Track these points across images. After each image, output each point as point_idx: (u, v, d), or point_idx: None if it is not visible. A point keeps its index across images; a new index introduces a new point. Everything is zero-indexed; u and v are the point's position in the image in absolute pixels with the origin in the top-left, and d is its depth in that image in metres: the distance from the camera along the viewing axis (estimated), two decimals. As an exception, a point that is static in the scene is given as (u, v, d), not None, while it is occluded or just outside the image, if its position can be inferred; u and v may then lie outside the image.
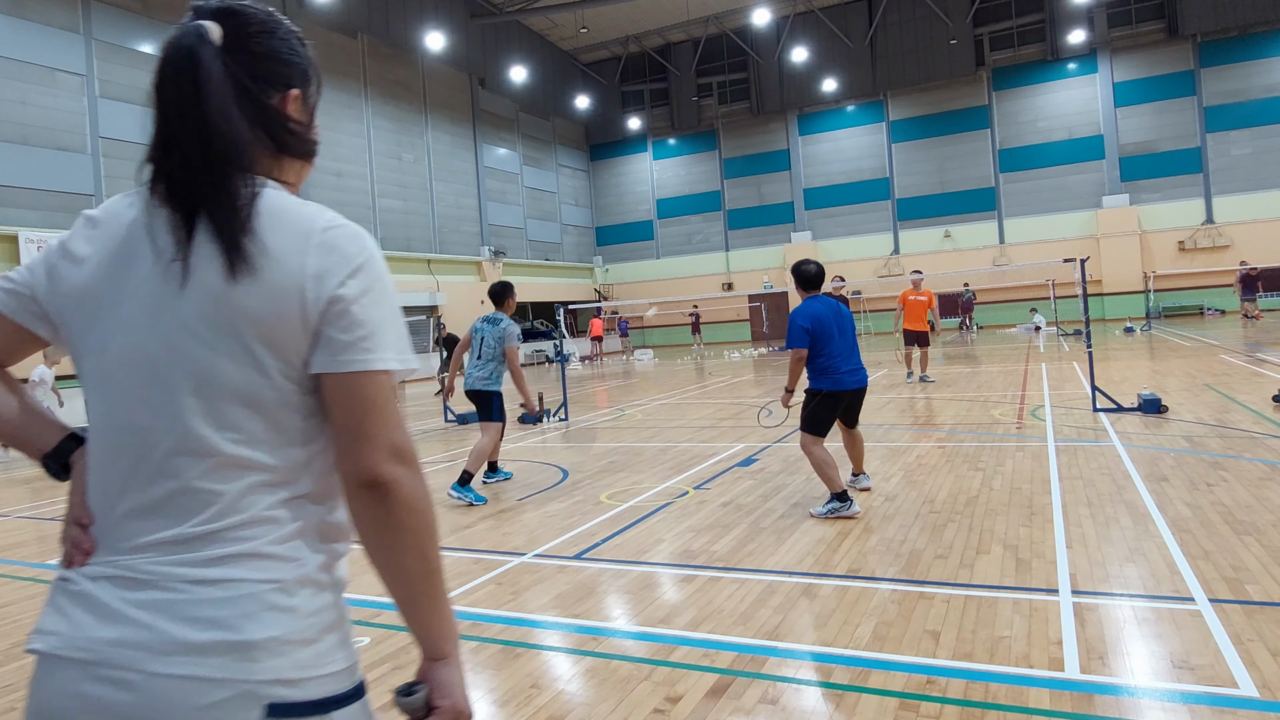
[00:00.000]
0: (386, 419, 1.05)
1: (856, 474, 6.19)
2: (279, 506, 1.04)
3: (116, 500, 1.03)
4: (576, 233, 37.96)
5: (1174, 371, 12.59)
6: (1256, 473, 5.81)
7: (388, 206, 26.30)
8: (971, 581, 4.02)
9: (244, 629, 0.97)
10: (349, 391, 1.04)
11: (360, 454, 1.03)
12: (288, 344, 1.03)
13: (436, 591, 1.09)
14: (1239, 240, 28.06)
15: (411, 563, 1.06)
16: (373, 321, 1.06)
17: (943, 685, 2.94)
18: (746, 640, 3.45)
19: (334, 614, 1.07)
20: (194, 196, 1.04)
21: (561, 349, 14.57)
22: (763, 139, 35.72)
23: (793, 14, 33.78)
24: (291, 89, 1.17)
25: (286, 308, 1.02)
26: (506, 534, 5.58)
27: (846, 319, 5.77)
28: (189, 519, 1.00)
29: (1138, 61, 29.71)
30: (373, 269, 1.08)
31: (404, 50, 27.60)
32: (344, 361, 1.04)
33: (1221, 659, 2.99)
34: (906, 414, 10.22)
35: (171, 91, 1.05)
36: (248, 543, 1.01)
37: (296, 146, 1.18)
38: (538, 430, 11.03)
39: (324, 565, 1.07)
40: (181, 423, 1.02)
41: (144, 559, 1.00)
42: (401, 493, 1.03)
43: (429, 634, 1.10)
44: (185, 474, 1.01)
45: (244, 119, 1.08)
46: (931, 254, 32.27)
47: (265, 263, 1.02)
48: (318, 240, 1.06)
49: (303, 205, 1.09)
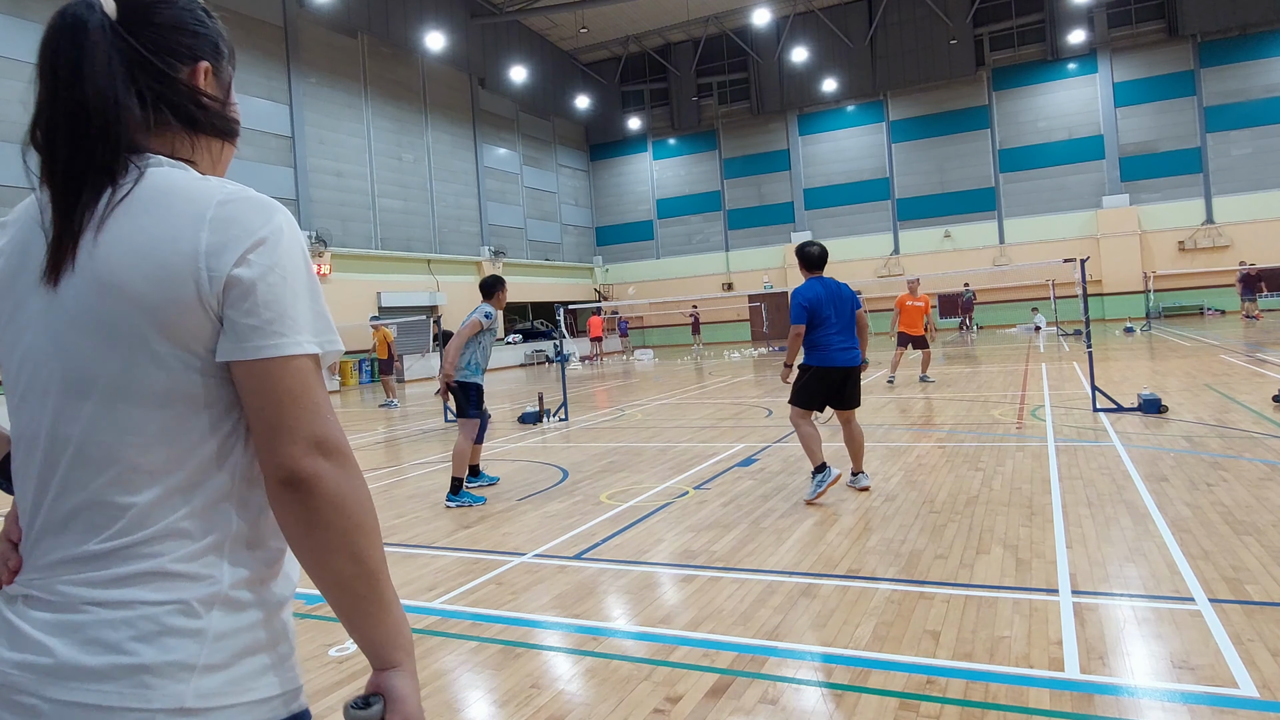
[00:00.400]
0: (305, 408, 0.95)
1: (855, 473, 6.24)
2: (192, 517, 0.95)
3: (34, 515, 0.97)
4: (576, 233, 37.97)
5: (1174, 371, 12.59)
6: (1256, 473, 5.81)
7: (388, 206, 26.30)
8: (971, 581, 4.02)
9: (138, 653, 0.90)
10: (261, 380, 0.94)
11: (277, 448, 0.94)
12: (188, 332, 0.94)
13: (378, 596, 0.99)
14: (1239, 240, 28.07)
15: (342, 565, 0.96)
16: (282, 301, 0.96)
17: (943, 685, 2.94)
18: (746, 640, 3.45)
19: (259, 634, 0.97)
20: (72, 178, 0.96)
21: (561, 349, 14.57)
22: (763, 139, 35.73)
23: (793, 14, 33.78)
24: (200, 61, 1.07)
25: (180, 291, 0.93)
26: (506, 534, 5.58)
27: (846, 300, 5.99)
28: (95, 535, 0.93)
29: (1138, 61, 29.71)
30: (279, 241, 0.97)
31: (404, 50, 27.61)
32: (252, 348, 0.94)
33: (1221, 659, 2.99)
34: (906, 414, 10.22)
35: (52, 65, 0.98)
36: (153, 560, 0.93)
37: (211, 123, 1.08)
38: (538, 430, 11.03)
39: (247, 580, 0.98)
40: (79, 430, 0.94)
41: (54, 578, 0.94)
42: (324, 489, 0.94)
43: (373, 643, 1.01)
44: (89, 485, 0.94)
45: (138, 95, 1.00)
46: (931, 254, 32.28)
47: (153, 243, 0.93)
48: (213, 214, 0.95)
49: (202, 180, 1.00)
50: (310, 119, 23.69)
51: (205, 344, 0.95)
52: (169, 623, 0.91)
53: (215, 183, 0.99)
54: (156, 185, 0.97)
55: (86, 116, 0.97)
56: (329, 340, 1.00)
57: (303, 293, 0.98)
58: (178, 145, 1.05)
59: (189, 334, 0.94)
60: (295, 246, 0.99)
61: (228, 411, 0.98)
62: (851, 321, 6.04)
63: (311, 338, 0.98)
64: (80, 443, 0.94)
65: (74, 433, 0.94)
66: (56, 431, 0.95)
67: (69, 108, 0.97)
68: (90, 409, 0.94)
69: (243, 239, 0.95)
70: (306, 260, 1.01)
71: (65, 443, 0.95)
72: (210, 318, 0.94)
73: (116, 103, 0.98)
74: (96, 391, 0.94)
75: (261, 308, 0.94)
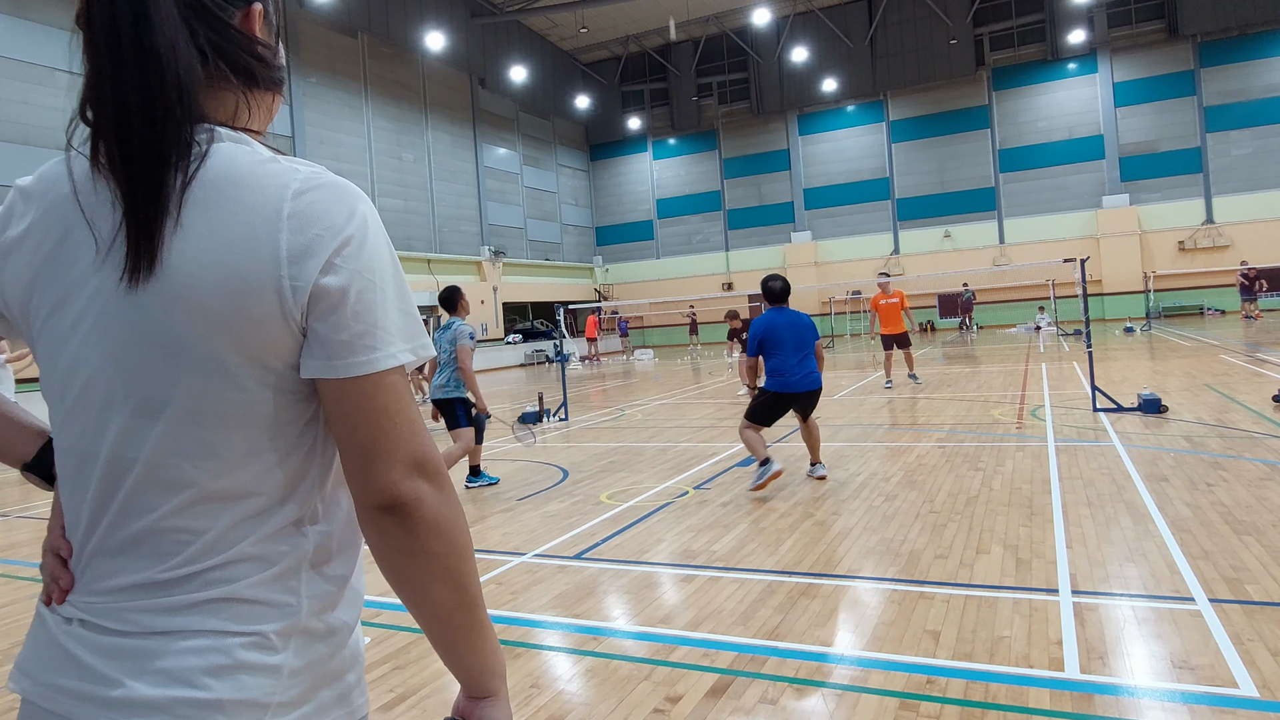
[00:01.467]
0: (402, 426, 0.87)
1: (813, 464, 6.65)
2: (267, 541, 0.87)
3: (87, 536, 0.88)
4: (576, 233, 37.97)
5: (1174, 371, 12.59)
6: (1256, 473, 5.81)
7: (388, 206, 26.30)
8: (971, 581, 4.02)
9: (210, 687, 0.82)
10: (355, 400, 0.85)
11: (374, 473, 0.85)
12: (266, 347, 0.84)
13: (477, 623, 0.93)
14: (1239, 240, 28.08)
15: (443, 593, 0.89)
16: (375, 309, 0.86)
17: (943, 685, 2.94)
18: (746, 640, 3.45)
19: (331, 665, 0.91)
20: (153, 160, 0.82)
21: (561, 349, 14.56)
22: (763, 139, 35.73)
23: (793, 14, 33.78)
24: (254, 2, 0.94)
25: (259, 304, 0.82)
26: (506, 534, 5.58)
27: (805, 329, 6.45)
28: (162, 562, 0.85)
29: (1138, 61, 29.72)
30: (364, 238, 0.87)
31: (404, 50, 27.61)
32: (344, 365, 0.85)
33: (1221, 659, 2.99)
34: (906, 414, 10.22)
35: (110, 18, 0.82)
36: (226, 585, 0.85)
37: (269, 73, 0.96)
38: (538, 430, 11.03)
39: (322, 606, 0.90)
40: (147, 451, 0.85)
41: (114, 602, 0.86)
42: (427, 514, 0.86)
43: (471, 671, 0.95)
44: (157, 509, 0.85)
45: (197, 50, 0.86)
46: (931, 254, 32.29)
47: (226, 245, 0.82)
48: (290, 208, 0.83)
49: (271, 162, 0.87)
50: (310, 119, 23.70)
51: (285, 359, 0.86)
52: (243, 657, 0.84)
53: (286, 166, 0.87)
54: (222, 170, 0.84)
55: (161, 78, 0.82)
56: (421, 345, 0.90)
57: (392, 295, 0.88)
58: (237, 109, 0.92)
59: (268, 349, 0.84)
60: (381, 240, 0.89)
61: (306, 429, 0.90)
62: (811, 349, 6.44)
63: (404, 345, 0.88)
64: (148, 465, 0.85)
65: (140, 454, 0.85)
66: (119, 452, 0.86)
67: (139, 68, 0.81)
68: (160, 430, 0.85)
69: (327, 240, 0.84)
70: (392, 253, 0.92)
71: (130, 464, 0.85)
72: (293, 331, 0.84)
73: (185, 61, 0.84)
74: (166, 413, 0.84)
75: (352, 320, 0.84)
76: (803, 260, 34.24)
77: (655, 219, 38.06)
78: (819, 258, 34.27)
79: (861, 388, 13.70)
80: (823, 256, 34.34)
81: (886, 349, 13.34)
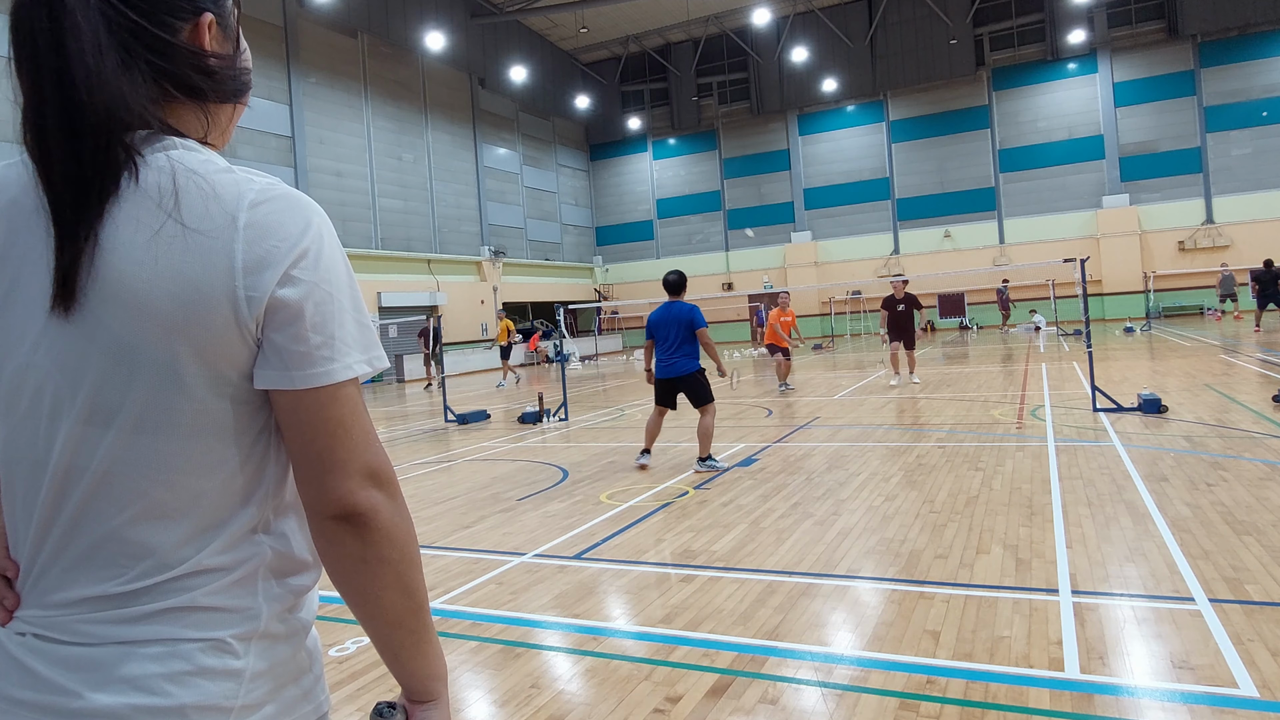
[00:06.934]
0: (358, 436, 0.88)
1: (700, 458, 7.28)
2: (223, 551, 0.87)
3: (37, 548, 0.86)
4: (576, 233, 37.98)
5: (1174, 371, 12.59)
6: (1256, 473, 5.81)
7: (388, 206, 26.31)
8: (971, 581, 4.02)
9: (171, 694, 0.82)
10: (310, 411, 0.86)
11: (329, 483, 0.86)
12: (220, 356, 0.83)
13: (424, 629, 0.94)
14: (1239, 240, 28.08)
15: (395, 600, 0.91)
16: (332, 320, 0.87)
17: (943, 685, 2.94)
18: (746, 640, 3.45)
19: (290, 666, 0.92)
20: (75, 184, 0.82)
21: (561, 349, 14.56)
22: (763, 139, 35.73)
23: (793, 14, 33.79)
24: (203, 13, 0.91)
25: (214, 315, 0.82)
26: (506, 534, 5.58)
27: (674, 323, 7.30)
28: (119, 575, 0.84)
29: (1138, 61, 29.71)
30: (321, 250, 0.87)
31: (404, 50, 27.61)
32: (302, 376, 0.85)
33: (1221, 659, 2.99)
34: (906, 414, 10.22)
35: (31, 49, 0.82)
36: (186, 594, 0.84)
37: (222, 87, 0.94)
38: (538, 430, 11.03)
39: (282, 611, 0.91)
40: (97, 461, 0.83)
41: (69, 615, 0.84)
42: (382, 523, 0.87)
43: (416, 675, 0.96)
44: (111, 521, 0.84)
45: (132, 71, 0.85)
46: (931, 254, 32.29)
47: (180, 256, 0.81)
48: (246, 219, 0.83)
49: (226, 172, 0.87)
50: (310, 119, 23.69)
51: (240, 369, 0.85)
52: (204, 663, 0.84)
53: (242, 176, 0.87)
54: (176, 182, 0.84)
55: (80, 106, 0.81)
56: (377, 357, 0.91)
57: (349, 306, 0.90)
58: (187, 120, 0.92)
59: (221, 358, 0.84)
60: (336, 252, 0.91)
61: (258, 438, 0.90)
62: (683, 340, 7.29)
63: (360, 356, 0.89)
64: (99, 475, 0.84)
65: (91, 464, 0.84)
66: (71, 460, 0.84)
67: (58, 97, 0.82)
68: (111, 439, 0.83)
69: (284, 252, 0.84)
70: (347, 265, 0.93)
71: (80, 473, 0.84)
72: (247, 341, 0.84)
73: (115, 84, 0.83)
74: (117, 421, 0.83)
75: (310, 331, 0.85)
76: (803, 260, 34.25)
77: (655, 219, 38.05)
78: (819, 258, 34.27)
79: (862, 388, 13.70)
80: (823, 256, 34.35)
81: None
